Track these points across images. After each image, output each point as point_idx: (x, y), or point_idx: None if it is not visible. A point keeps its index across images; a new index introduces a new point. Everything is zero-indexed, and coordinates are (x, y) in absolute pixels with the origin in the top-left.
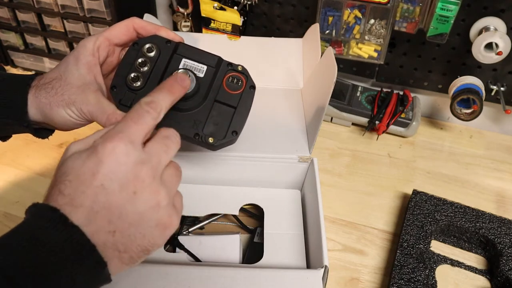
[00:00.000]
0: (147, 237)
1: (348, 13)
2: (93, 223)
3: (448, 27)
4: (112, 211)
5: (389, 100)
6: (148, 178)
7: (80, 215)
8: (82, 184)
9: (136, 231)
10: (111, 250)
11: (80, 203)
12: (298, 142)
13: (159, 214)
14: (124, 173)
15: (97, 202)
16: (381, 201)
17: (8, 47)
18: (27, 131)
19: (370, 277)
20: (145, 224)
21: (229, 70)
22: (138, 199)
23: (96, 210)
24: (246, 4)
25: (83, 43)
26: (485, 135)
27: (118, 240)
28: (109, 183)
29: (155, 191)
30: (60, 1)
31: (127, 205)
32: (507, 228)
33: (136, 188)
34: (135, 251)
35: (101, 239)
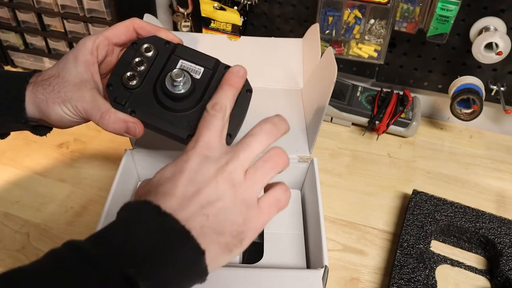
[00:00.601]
0: (235, 223)
1: (348, 13)
2: (187, 208)
3: (448, 27)
4: (202, 197)
5: (389, 100)
6: (226, 172)
7: (174, 202)
8: (172, 180)
9: (226, 217)
10: (209, 232)
11: (172, 193)
12: (298, 142)
13: (237, 205)
14: (207, 168)
15: (188, 190)
16: (381, 201)
17: (8, 47)
18: (25, 128)
19: (370, 277)
20: (229, 212)
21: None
22: (220, 189)
23: (188, 196)
24: (246, 4)
25: (83, 42)
26: (485, 135)
27: (212, 222)
28: (196, 176)
29: (233, 184)
30: (60, 1)
31: (213, 193)
32: (507, 228)
33: (218, 179)
34: (229, 235)
35: (197, 222)
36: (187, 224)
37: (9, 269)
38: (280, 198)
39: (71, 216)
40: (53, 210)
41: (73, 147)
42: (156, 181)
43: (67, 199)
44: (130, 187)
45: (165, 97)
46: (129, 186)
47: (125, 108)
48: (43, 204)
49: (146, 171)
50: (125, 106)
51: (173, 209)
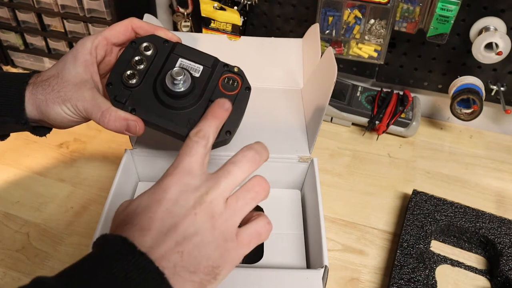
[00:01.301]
0: (210, 259)
1: (348, 13)
2: (163, 245)
3: (448, 27)
4: (178, 232)
5: (389, 100)
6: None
7: (149, 238)
8: (149, 211)
9: (201, 252)
10: (182, 271)
11: (148, 227)
12: (298, 142)
13: (215, 237)
14: (186, 198)
15: (164, 225)
16: (381, 201)
17: (8, 47)
18: (25, 129)
19: (370, 277)
20: (205, 246)
21: (225, 71)
22: (198, 221)
23: (164, 232)
24: (246, 4)
25: (82, 42)
26: (485, 135)
27: (186, 260)
28: (174, 208)
29: (211, 214)
30: (60, 1)
31: (190, 227)
32: (507, 228)
33: (196, 210)
34: (203, 272)
35: (171, 260)
36: (161, 263)
37: None
38: (261, 232)
39: (71, 216)
40: (53, 210)
41: (73, 147)
42: (133, 209)
43: (67, 199)
44: (130, 187)
45: (165, 95)
46: (129, 186)
47: (125, 106)
48: (43, 204)
49: (146, 171)
50: (125, 105)
51: (148, 246)
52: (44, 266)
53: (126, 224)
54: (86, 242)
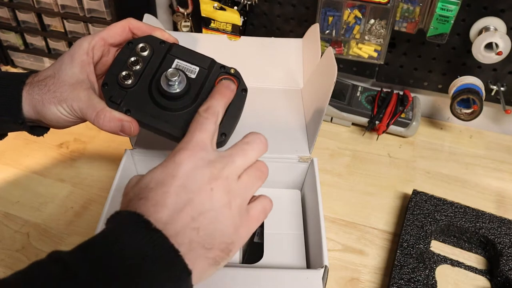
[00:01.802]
0: (225, 235)
1: (348, 13)
2: (178, 221)
3: (448, 27)
4: (194, 208)
5: (389, 100)
6: (221, 178)
7: (164, 214)
8: (164, 186)
9: (216, 228)
10: (198, 247)
11: (163, 202)
12: (298, 142)
13: (231, 213)
14: (201, 173)
15: (179, 200)
16: (381, 201)
17: (8, 47)
18: (22, 128)
19: (370, 277)
20: (221, 222)
21: (222, 73)
22: (214, 197)
23: (179, 208)
24: (246, 4)
25: (79, 42)
26: (485, 135)
27: (202, 236)
28: (189, 183)
29: (227, 190)
30: (60, 1)
31: (206, 202)
32: (507, 228)
33: (212, 186)
34: (218, 248)
35: (187, 237)
36: (176, 240)
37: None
38: (267, 208)
39: (71, 216)
40: (53, 210)
41: (73, 147)
42: (146, 184)
43: (67, 199)
44: None
45: (160, 97)
46: None
47: (120, 107)
48: (43, 204)
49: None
50: (120, 105)
51: (163, 222)
52: None
53: (140, 199)
54: None
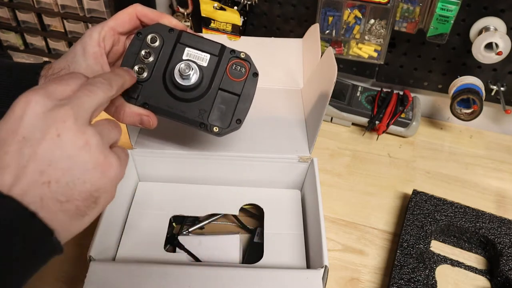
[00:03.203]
0: (87, 182)
1: (348, 13)
2: (24, 178)
3: (448, 27)
4: (41, 160)
5: (389, 100)
6: (70, 118)
7: (8, 176)
8: (4, 145)
9: (73, 177)
10: (51, 203)
11: (7, 164)
12: (298, 142)
13: (92, 154)
14: (43, 120)
15: (22, 156)
16: (381, 201)
17: (8, 47)
18: None
19: (370, 277)
20: (80, 167)
21: (232, 57)
22: (64, 141)
23: (23, 164)
24: (246, 4)
25: (89, 33)
26: (485, 135)
27: (55, 190)
28: (30, 134)
29: (80, 130)
30: (60, 1)
31: (54, 150)
32: (507, 228)
33: (59, 131)
34: (79, 198)
35: (37, 193)
36: (25, 200)
37: None
38: (127, 154)
39: None
40: None
41: None
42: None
43: None
44: (130, 187)
45: (175, 89)
46: (129, 186)
47: (137, 101)
48: None
49: (146, 171)
50: (137, 100)
51: (9, 185)
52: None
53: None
54: (86, 242)
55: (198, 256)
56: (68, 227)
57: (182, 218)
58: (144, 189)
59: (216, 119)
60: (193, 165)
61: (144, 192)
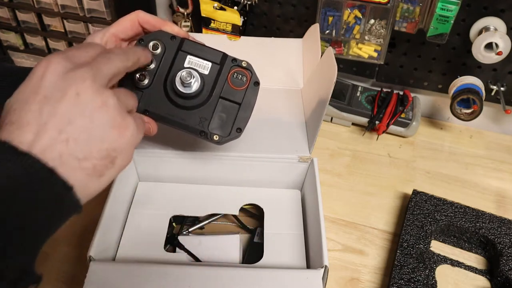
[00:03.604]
0: (106, 140)
1: (348, 13)
2: (43, 136)
3: (448, 27)
4: (60, 118)
5: (389, 100)
6: (89, 79)
7: (29, 134)
8: (26, 104)
9: (91, 135)
10: (70, 160)
11: (27, 121)
12: (298, 142)
13: (110, 114)
14: (63, 79)
15: (43, 113)
16: (381, 201)
17: (8, 47)
18: None
19: (370, 277)
20: (98, 126)
21: (234, 66)
22: (83, 100)
23: (43, 122)
24: (246, 4)
25: (91, 38)
26: (485, 135)
27: (73, 147)
28: (50, 93)
29: (98, 90)
30: (60, 1)
31: (73, 108)
32: (507, 228)
33: (78, 89)
34: (96, 157)
35: (56, 150)
36: (45, 156)
37: None
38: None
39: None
40: None
41: None
42: (11, 106)
43: None
44: (130, 187)
45: (176, 97)
46: (129, 186)
47: (138, 108)
48: None
49: (146, 171)
50: (138, 106)
51: (29, 142)
52: (44, 266)
53: (5, 124)
54: (86, 242)
55: (198, 256)
56: (86, 186)
57: (182, 218)
58: (144, 189)
59: (216, 127)
60: (193, 165)
61: (144, 192)
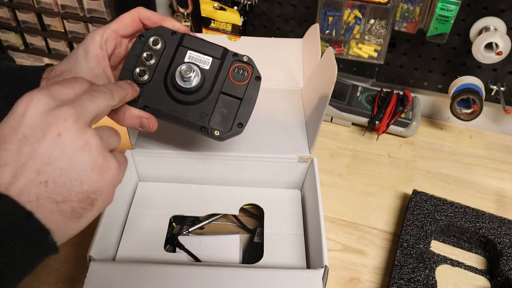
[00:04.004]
0: (85, 183)
1: (348, 13)
2: (21, 177)
3: (448, 27)
4: (40, 159)
5: (389, 100)
6: (71, 118)
7: (7, 174)
8: (5, 143)
9: (70, 177)
10: (48, 203)
11: (5, 161)
12: (298, 142)
13: (91, 155)
14: (45, 118)
15: (21, 154)
16: (381, 201)
17: (8, 47)
18: None
19: (370, 277)
20: (78, 168)
21: (235, 61)
22: (64, 141)
23: (22, 163)
24: (246, 4)
25: (91, 36)
26: (485, 135)
27: (52, 190)
28: (31, 132)
29: (81, 130)
30: (60, 1)
31: (54, 149)
32: (507, 228)
33: (59, 130)
34: (75, 200)
35: (33, 192)
36: (21, 199)
37: None
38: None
39: None
40: None
41: None
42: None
43: None
44: (130, 187)
45: (176, 92)
46: (129, 186)
47: (138, 103)
48: None
49: (146, 171)
50: (138, 102)
51: (7, 183)
52: (44, 266)
53: None
54: (86, 242)
55: (198, 256)
56: (64, 228)
57: (182, 218)
58: (144, 189)
59: (217, 123)
60: (193, 165)
61: (144, 192)
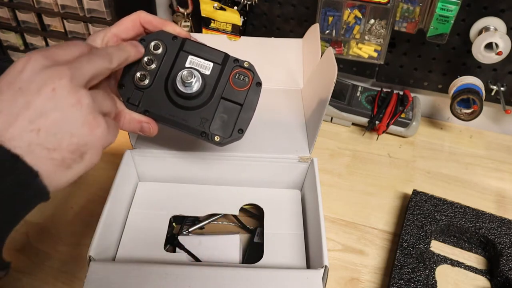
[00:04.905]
0: (75, 136)
1: (348, 13)
2: (14, 125)
3: (448, 27)
4: (33, 110)
5: (389, 100)
6: (66, 77)
7: (0, 122)
8: (1, 94)
9: (61, 129)
10: (38, 149)
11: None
12: (298, 142)
13: (82, 112)
14: (41, 75)
15: (15, 104)
16: (381, 201)
17: (8, 47)
18: None
19: (370, 277)
20: (69, 122)
21: (236, 67)
22: (58, 97)
23: (16, 112)
24: (246, 4)
25: (92, 38)
26: (485, 135)
27: (43, 138)
28: (27, 86)
29: (74, 89)
30: (60, 1)
31: (47, 103)
32: (507, 228)
33: (54, 85)
34: (66, 149)
35: (25, 139)
36: (13, 144)
37: None
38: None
39: (71, 216)
40: (53, 210)
41: None
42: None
43: (67, 199)
44: (130, 187)
45: (177, 97)
46: (129, 186)
47: (138, 108)
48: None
49: (146, 171)
50: (138, 106)
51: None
52: (44, 266)
53: None
54: (86, 242)
55: (198, 256)
56: (54, 176)
57: (182, 218)
58: (144, 189)
59: (217, 128)
60: (193, 165)
61: (144, 192)
